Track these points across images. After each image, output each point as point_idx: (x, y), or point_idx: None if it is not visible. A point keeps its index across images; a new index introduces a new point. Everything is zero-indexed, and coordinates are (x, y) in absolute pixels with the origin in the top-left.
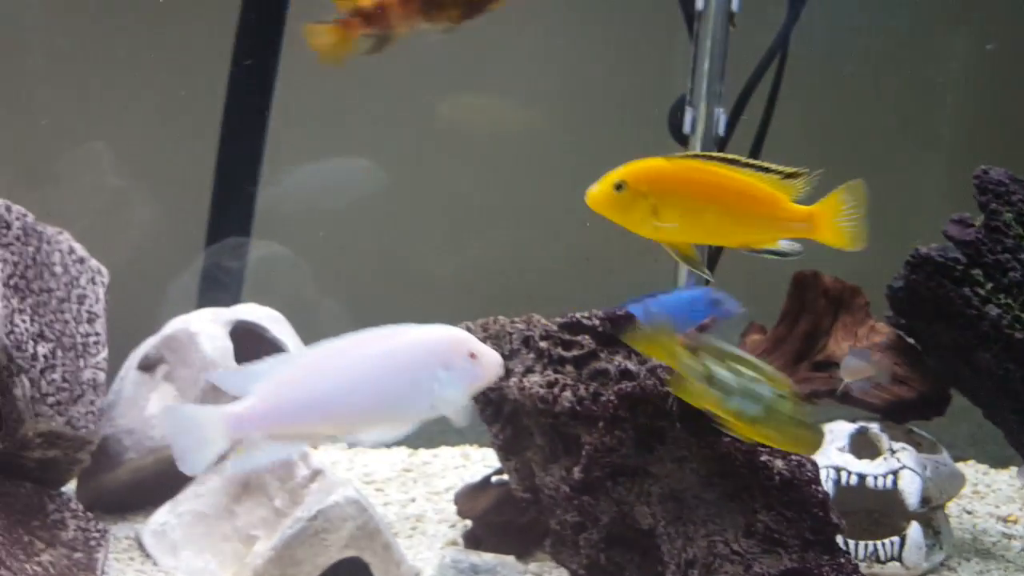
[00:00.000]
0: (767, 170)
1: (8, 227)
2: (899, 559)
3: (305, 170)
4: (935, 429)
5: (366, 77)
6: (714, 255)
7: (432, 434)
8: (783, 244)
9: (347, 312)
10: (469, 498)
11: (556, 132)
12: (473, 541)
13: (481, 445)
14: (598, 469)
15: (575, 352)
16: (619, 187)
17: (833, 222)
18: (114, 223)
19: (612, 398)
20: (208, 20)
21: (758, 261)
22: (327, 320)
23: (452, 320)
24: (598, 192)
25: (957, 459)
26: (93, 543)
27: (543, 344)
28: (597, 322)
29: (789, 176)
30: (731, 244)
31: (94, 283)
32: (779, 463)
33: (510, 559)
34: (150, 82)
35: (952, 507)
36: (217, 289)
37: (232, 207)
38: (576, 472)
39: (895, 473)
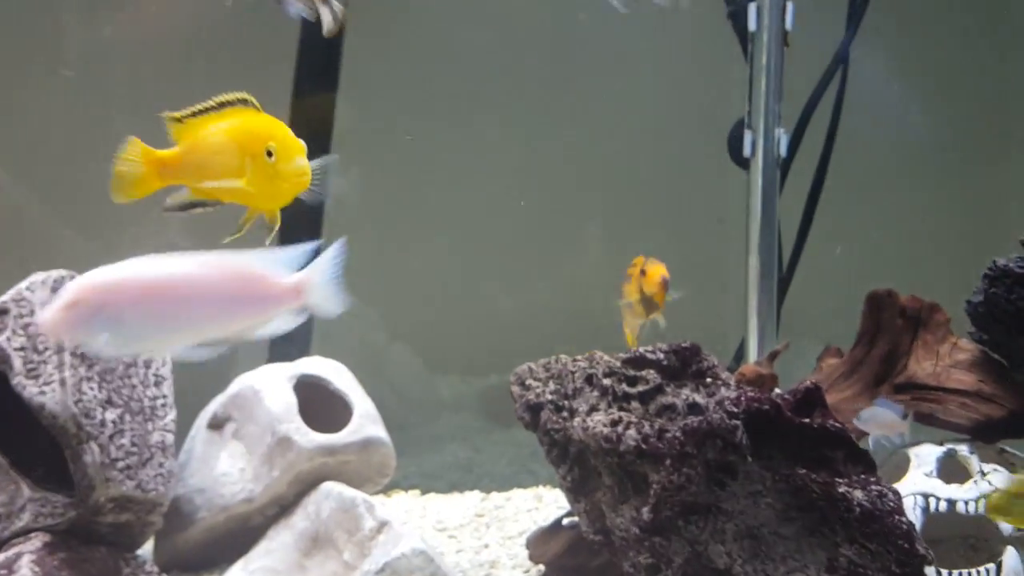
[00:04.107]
0: None
1: None
2: None
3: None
4: None
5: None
6: (786, 279)
7: (505, 476)
8: None
9: (416, 355)
10: (541, 542)
11: (613, 169)
12: None
13: (554, 486)
14: (668, 508)
15: (640, 388)
16: None
17: None
18: None
19: (678, 434)
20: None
21: (831, 281)
22: (397, 363)
23: (518, 359)
24: None
25: None
26: None
27: (607, 381)
28: (662, 355)
29: None
30: None
31: None
32: (858, 494)
33: None
34: None
35: None
36: (286, 342)
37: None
38: (645, 512)
39: (986, 497)
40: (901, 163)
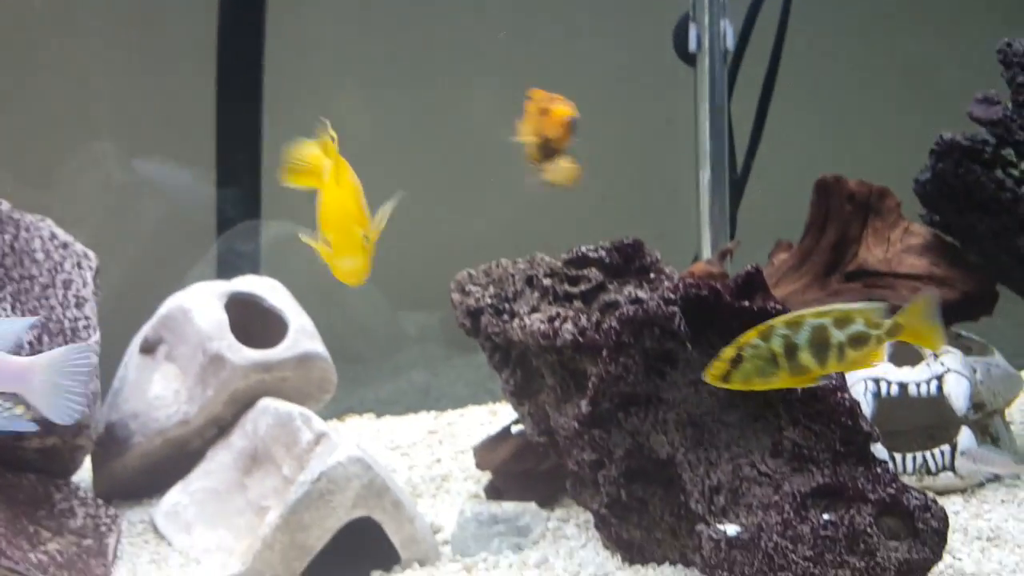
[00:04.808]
0: None
1: None
2: (952, 469)
3: None
4: (994, 339)
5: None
6: (740, 183)
7: (462, 398)
8: None
9: (376, 286)
10: (488, 449)
11: (560, 80)
12: (494, 493)
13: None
14: (607, 400)
15: (582, 287)
16: None
17: None
18: (125, 218)
19: (614, 324)
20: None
21: (784, 180)
22: (353, 294)
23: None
24: None
25: (1020, 368)
26: (104, 529)
27: (547, 282)
28: (603, 253)
29: None
30: None
31: (80, 267)
32: None
33: (531, 505)
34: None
35: (1016, 412)
36: (233, 274)
37: (238, 191)
38: (583, 405)
39: (939, 378)
40: (853, 55)
